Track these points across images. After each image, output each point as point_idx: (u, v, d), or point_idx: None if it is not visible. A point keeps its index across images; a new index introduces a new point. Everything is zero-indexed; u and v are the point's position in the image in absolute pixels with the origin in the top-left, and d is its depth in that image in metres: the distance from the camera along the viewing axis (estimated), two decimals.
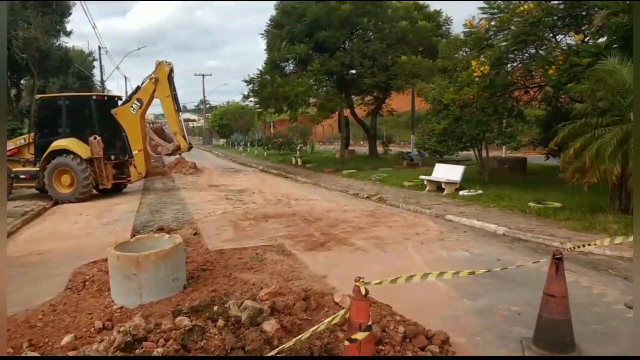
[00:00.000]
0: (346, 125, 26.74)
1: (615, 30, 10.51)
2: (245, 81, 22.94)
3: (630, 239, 5.45)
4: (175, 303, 5.24)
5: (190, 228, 9.98)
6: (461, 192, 13.42)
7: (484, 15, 13.68)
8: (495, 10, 13.35)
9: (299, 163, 26.29)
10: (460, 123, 14.10)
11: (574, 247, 4.77)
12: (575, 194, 11.10)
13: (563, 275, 4.11)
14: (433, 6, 25.80)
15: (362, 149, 36.79)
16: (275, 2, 23.23)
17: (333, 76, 22.23)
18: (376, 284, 3.47)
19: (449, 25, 23.49)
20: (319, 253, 7.83)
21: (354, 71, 23.10)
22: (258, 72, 23.32)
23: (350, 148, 31.77)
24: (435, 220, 10.69)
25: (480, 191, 13.21)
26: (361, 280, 3.35)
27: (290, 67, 23.89)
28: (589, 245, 5.61)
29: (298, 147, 33.20)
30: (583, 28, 12.40)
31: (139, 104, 15.19)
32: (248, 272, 6.61)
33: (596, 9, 10.87)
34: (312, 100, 22.98)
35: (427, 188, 14.73)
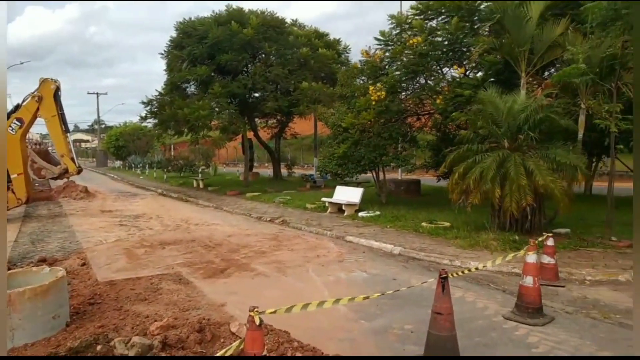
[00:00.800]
0: (250, 147, 26.64)
1: (489, 67, 11.71)
2: (143, 103, 22.04)
3: (508, 257, 6.01)
4: (54, 344, 4.76)
5: (78, 258, 9.20)
6: (360, 214, 13.90)
7: (379, 46, 14.56)
8: (389, 42, 14.26)
9: (201, 186, 25.60)
10: (359, 147, 14.69)
11: (462, 272, 5.14)
12: (462, 213, 11.97)
13: (449, 293, 4.39)
14: (332, 35, 26.79)
15: (267, 171, 36.81)
16: (176, 22, 22.75)
17: (236, 99, 22.12)
18: (271, 313, 3.45)
19: (347, 53, 24.58)
20: (219, 280, 7.63)
21: (257, 95, 23.21)
22: (157, 93, 22.55)
23: (254, 170, 31.66)
24: (336, 241, 10.93)
25: (378, 212, 13.78)
26: (255, 310, 3.31)
27: (191, 88, 23.39)
28: (476, 269, 6.10)
29: (200, 170, 32.34)
30: (464, 62, 13.66)
31: (18, 124, 13.90)
32: (141, 304, 6.23)
33: (472, 47, 12.02)
34: (214, 122, 22.63)
35: (329, 210, 15.06)
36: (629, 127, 10.15)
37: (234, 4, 22.01)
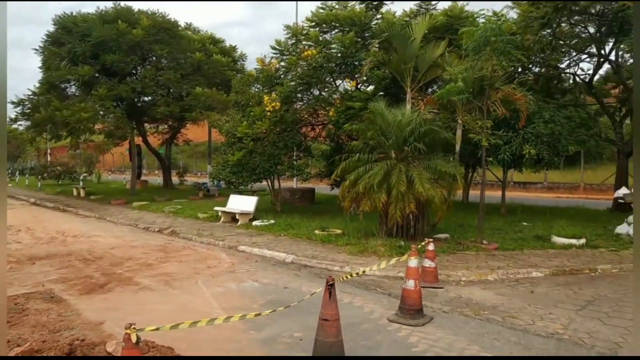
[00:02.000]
0: (138, 154, 25.25)
1: (379, 81, 12.35)
2: (13, 103, 19.83)
3: (392, 262, 6.32)
4: None
5: None
6: (255, 223, 13.77)
7: (275, 55, 14.65)
8: (285, 52, 14.41)
9: (82, 195, 23.62)
10: (254, 156, 14.59)
11: (349, 275, 5.28)
12: (354, 220, 12.40)
13: (335, 300, 4.48)
14: (229, 42, 26.45)
15: (157, 179, 35.10)
16: (55, 16, 20.86)
17: (123, 102, 20.81)
18: (152, 330, 3.25)
19: (243, 61, 24.41)
20: (97, 296, 7.05)
21: (147, 99, 22.07)
22: (30, 92, 20.45)
23: (143, 178, 30.00)
24: (228, 251, 10.69)
25: (272, 221, 13.76)
26: (132, 327, 3.09)
27: (71, 89, 21.56)
28: (363, 272, 6.30)
29: (81, 177, 29.86)
30: (356, 76, 14.26)
31: None
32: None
33: (363, 61, 12.61)
34: (98, 126, 21.06)
35: (222, 219, 14.72)
36: (497, 142, 11.32)
37: (122, 3, 20.64)
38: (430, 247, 7.78)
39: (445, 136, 10.71)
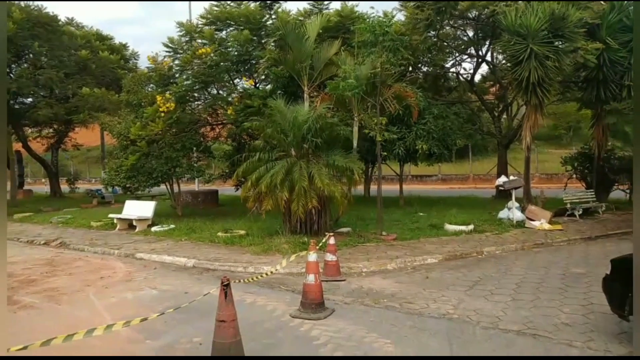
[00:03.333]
0: (19, 161, 22.92)
1: (277, 79, 12.38)
2: None
3: (292, 258, 6.34)
4: None
5: None
6: (154, 228, 13.13)
7: (168, 54, 14.06)
8: (178, 50, 13.89)
9: None
10: (150, 159, 13.89)
11: (252, 279, 5.21)
12: (258, 220, 12.29)
13: (232, 300, 4.39)
14: (118, 39, 24.94)
15: (44, 188, 32.19)
16: None
17: None
18: (19, 349, 2.93)
19: (136, 59, 23.16)
20: None
21: (26, 100, 20.09)
22: None
23: (27, 188, 27.33)
24: (124, 260, 10.08)
25: (172, 226, 13.21)
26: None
27: None
28: (266, 274, 6.27)
29: None
30: (254, 75, 14.16)
31: None
32: None
33: (261, 59, 12.56)
34: None
35: (118, 227, 13.84)
36: (392, 137, 11.87)
37: None
38: (331, 241, 7.94)
39: (343, 132, 10.99)
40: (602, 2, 11.74)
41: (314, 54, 11.44)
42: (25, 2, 18.34)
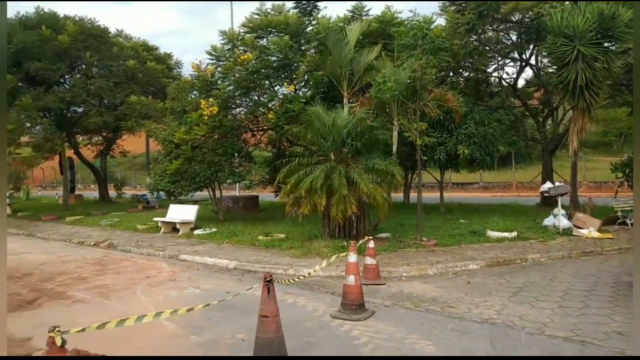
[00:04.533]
0: (71, 167, 24.00)
1: (317, 84, 12.51)
2: None
3: (332, 259, 6.38)
4: None
5: None
6: (196, 232, 13.47)
7: (211, 61, 14.46)
8: (221, 58, 14.27)
9: (9, 212, 22.15)
10: (193, 163, 14.27)
11: (293, 279, 5.27)
12: (297, 225, 12.44)
13: (274, 296, 4.46)
14: (163, 49, 25.84)
15: (93, 193, 33.55)
16: None
17: (50, 113, 19.75)
18: (77, 331, 3.09)
19: (180, 68, 23.90)
20: (24, 313, 6.62)
21: (78, 109, 21.07)
22: None
23: (77, 193, 28.57)
24: (168, 261, 10.39)
25: (214, 229, 13.50)
26: (57, 329, 2.94)
27: None
28: (308, 274, 6.34)
29: (8, 194, 27.95)
30: (294, 81, 14.36)
31: None
32: None
33: (301, 64, 12.73)
34: (24, 139, 19.85)
35: (162, 230, 14.27)
36: (432, 140, 11.76)
37: (45, 4, 19.60)
38: (371, 244, 7.93)
39: (383, 136, 10.98)
40: None
41: (354, 58, 11.51)
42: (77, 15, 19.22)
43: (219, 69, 13.85)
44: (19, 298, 7.38)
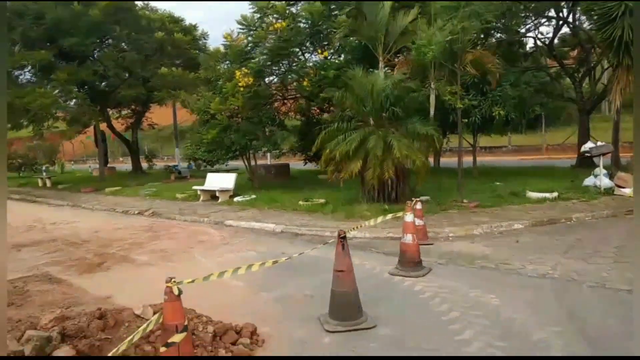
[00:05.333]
0: (103, 140, 24.52)
1: (352, 50, 12.43)
2: None
3: (388, 216, 6.55)
4: None
5: None
6: (236, 199, 13.78)
7: (242, 31, 14.42)
8: (252, 27, 14.21)
9: (49, 185, 22.89)
10: (229, 132, 14.47)
11: (352, 229, 5.48)
12: (334, 190, 12.64)
13: (348, 252, 4.66)
14: (189, 20, 25.75)
15: (123, 166, 34.28)
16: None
17: (84, 87, 20.08)
18: (189, 282, 3.34)
19: (205, 39, 23.85)
20: (97, 274, 7.01)
21: (109, 82, 21.36)
22: None
23: (109, 165, 29.24)
24: (215, 227, 10.72)
25: (254, 196, 13.79)
26: (173, 280, 3.18)
27: (26, 76, 20.60)
28: (362, 225, 6.54)
29: (44, 168, 28.79)
30: (326, 47, 14.28)
31: None
32: (8, 310, 5.46)
33: (334, 30, 12.61)
34: (59, 113, 20.26)
35: (202, 198, 14.64)
36: (472, 103, 11.68)
37: None
38: (418, 206, 8.04)
39: (421, 99, 10.94)
40: None
41: (390, 22, 11.36)
42: None
43: (250, 38, 13.81)
44: (87, 262, 7.78)
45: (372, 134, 10.45)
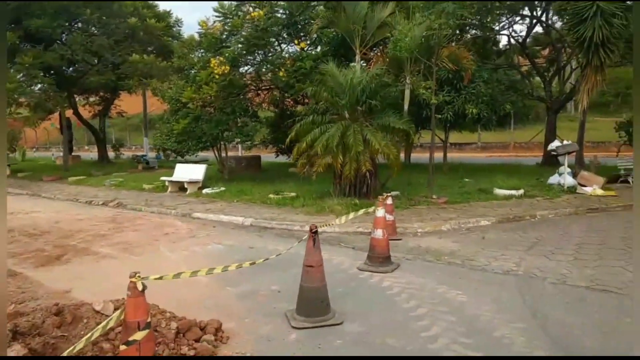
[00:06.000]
0: (68, 127, 23.73)
1: (329, 42, 12.34)
2: None
3: (360, 212, 6.53)
4: None
5: None
6: (205, 191, 13.56)
7: (219, 19, 14.13)
8: (228, 15, 13.93)
9: (8, 173, 22.05)
10: (200, 123, 14.20)
11: (323, 225, 5.42)
12: (305, 184, 12.57)
13: (319, 247, 4.61)
14: (162, 6, 25.04)
15: (89, 154, 33.40)
16: None
17: (50, 72, 19.33)
18: (156, 279, 3.22)
19: (179, 26, 23.30)
20: (56, 267, 6.75)
21: (77, 68, 20.63)
22: None
23: (74, 154, 28.39)
24: (182, 219, 10.51)
25: (223, 188, 13.60)
26: (137, 275, 3.06)
27: None
28: (332, 224, 6.49)
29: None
30: (303, 37, 14.14)
31: None
32: None
33: (312, 21, 12.51)
34: (22, 99, 19.47)
35: (169, 189, 14.35)
36: (445, 98, 11.77)
37: None
38: (389, 201, 8.07)
39: (395, 93, 10.96)
40: None
41: (367, 14, 11.31)
42: None
43: (226, 26, 13.53)
44: (45, 254, 7.49)
45: (349, 127, 10.39)
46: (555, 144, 12.76)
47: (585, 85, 11.15)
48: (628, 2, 10.10)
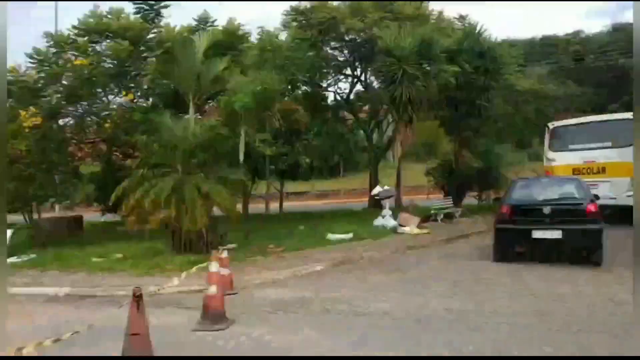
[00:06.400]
0: None
1: (161, 93, 12.00)
2: None
3: (193, 270, 6.22)
4: None
5: None
6: (10, 260, 11.60)
7: (33, 65, 12.72)
8: (45, 62, 12.61)
9: None
10: (8, 181, 12.30)
11: (155, 291, 5.00)
12: (135, 243, 11.64)
13: (144, 311, 4.21)
14: None
15: None
16: None
17: None
18: None
19: None
20: None
21: None
22: None
23: None
24: None
25: (33, 255, 11.81)
26: None
27: None
28: (165, 287, 6.05)
29: None
30: (133, 89, 13.50)
31: None
32: None
33: (143, 72, 12.05)
34: None
35: None
36: (281, 150, 12.24)
37: None
38: (224, 254, 7.88)
39: (231, 144, 11.03)
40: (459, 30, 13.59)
41: (202, 68, 11.28)
42: None
43: (43, 74, 12.16)
44: None
45: (183, 181, 10.01)
46: (378, 189, 14.10)
47: (399, 137, 12.68)
48: (426, 68, 11.96)
